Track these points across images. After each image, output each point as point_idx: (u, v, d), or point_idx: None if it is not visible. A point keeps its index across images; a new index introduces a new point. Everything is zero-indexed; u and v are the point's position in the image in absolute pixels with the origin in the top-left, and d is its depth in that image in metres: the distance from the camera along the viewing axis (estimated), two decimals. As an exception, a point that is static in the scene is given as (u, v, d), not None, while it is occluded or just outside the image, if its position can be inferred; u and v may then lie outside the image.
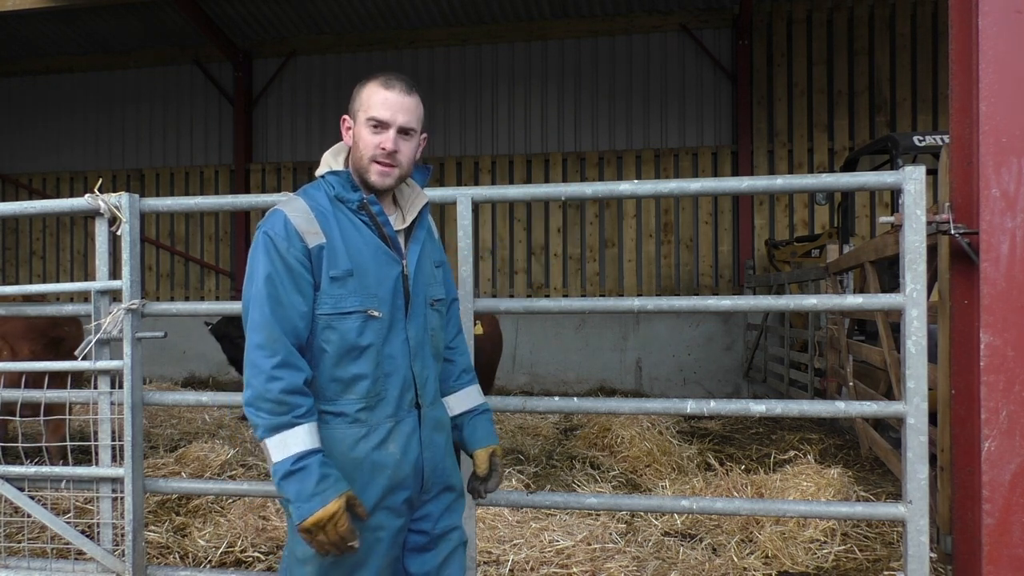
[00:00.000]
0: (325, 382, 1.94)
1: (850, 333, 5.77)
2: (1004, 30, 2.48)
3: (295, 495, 1.81)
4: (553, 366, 9.90)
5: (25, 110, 12.13)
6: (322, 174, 2.08)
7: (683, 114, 10.28)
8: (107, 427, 2.93)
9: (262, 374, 1.83)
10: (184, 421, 6.99)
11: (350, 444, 1.94)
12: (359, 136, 2.04)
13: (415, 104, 2.05)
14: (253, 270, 1.93)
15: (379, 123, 2.02)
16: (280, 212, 1.96)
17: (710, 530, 3.74)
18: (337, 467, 1.88)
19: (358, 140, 2.04)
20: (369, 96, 2.04)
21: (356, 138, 2.05)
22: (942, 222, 2.65)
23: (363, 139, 2.03)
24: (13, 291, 3.08)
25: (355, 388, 1.94)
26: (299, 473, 1.81)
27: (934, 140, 6.09)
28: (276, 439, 1.84)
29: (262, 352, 1.85)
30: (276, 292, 1.89)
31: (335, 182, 2.04)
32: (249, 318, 1.89)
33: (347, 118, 2.09)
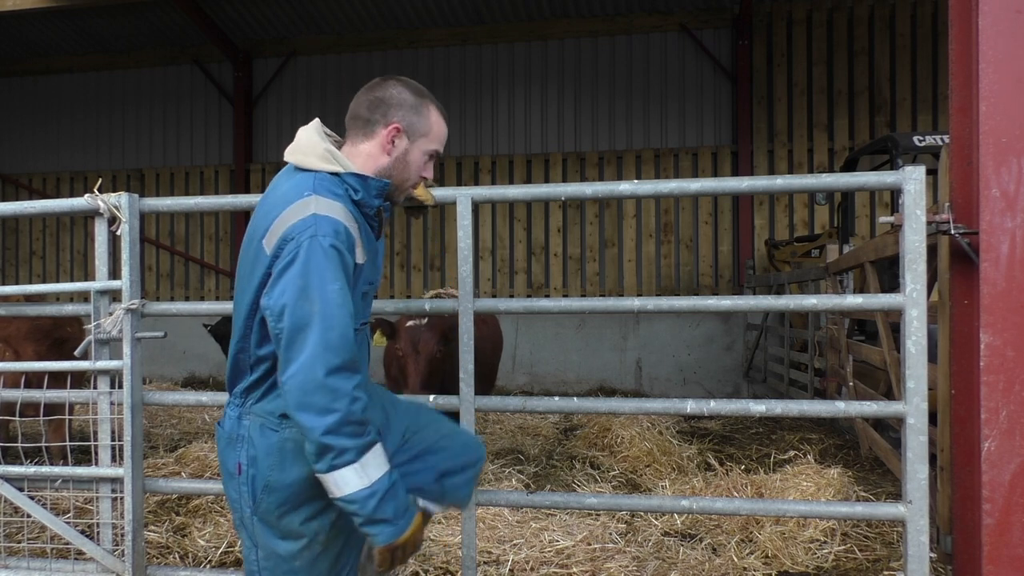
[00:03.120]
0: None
1: (850, 333, 5.77)
2: (1004, 30, 2.48)
3: (395, 512, 1.79)
4: (553, 366, 9.90)
5: (25, 110, 12.13)
6: (333, 172, 1.96)
7: (683, 114, 10.28)
8: (107, 427, 2.93)
9: (346, 396, 1.73)
10: (184, 421, 6.99)
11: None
12: (412, 159, 2.05)
13: None
14: (313, 283, 1.75)
15: (434, 155, 2.10)
16: (334, 220, 1.83)
17: (710, 530, 3.74)
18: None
19: (409, 161, 2.04)
20: (438, 125, 2.07)
21: (408, 158, 2.04)
22: (942, 222, 2.65)
23: (415, 163, 2.06)
24: (13, 291, 3.08)
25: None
26: (394, 488, 1.81)
27: (934, 140, 6.09)
28: (369, 457, 1.77)
29: (343, 374, 1.74)
30: (348, 307, 1.79)
31: (359, 186, 1.96)
32: (317, 338, 1.73)
33: (401, 128, 2.01)
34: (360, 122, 2.03)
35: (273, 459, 1.92)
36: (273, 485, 1.91)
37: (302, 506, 1.93)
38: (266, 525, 1.95)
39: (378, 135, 2.02)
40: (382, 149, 2.02)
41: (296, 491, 1.91)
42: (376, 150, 2.03)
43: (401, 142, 2.03)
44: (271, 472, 1.92)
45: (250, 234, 2.00)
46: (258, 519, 1.95)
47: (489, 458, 5.34)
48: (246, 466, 1.95)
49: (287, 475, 1.91)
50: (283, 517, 1.93)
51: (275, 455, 1.92)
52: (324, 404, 1.72)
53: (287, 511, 1.93)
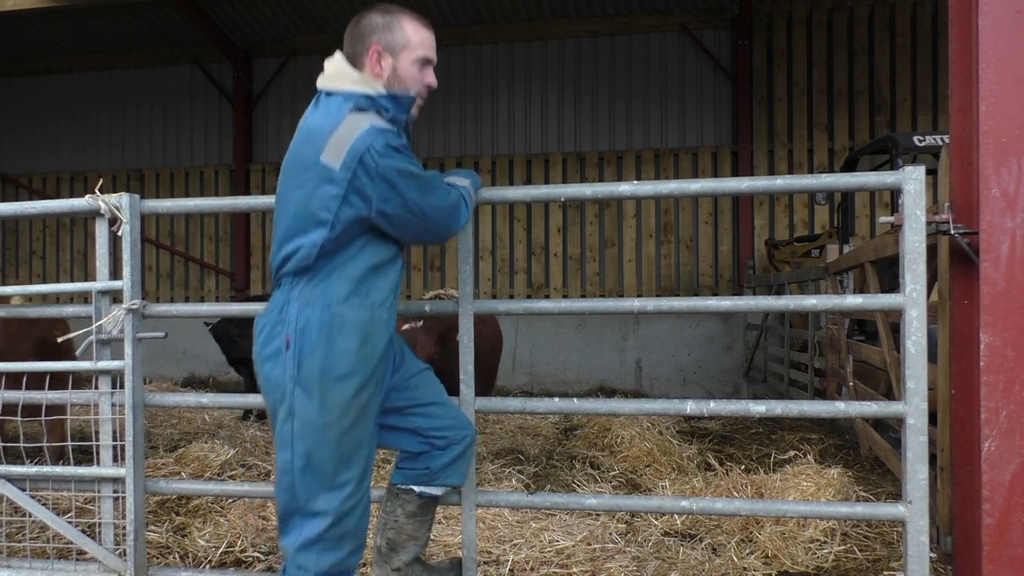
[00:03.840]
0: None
1: (850, 333, 5.77)
2: (1004, 30, 2.48)
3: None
4: (553, 366, 9.90)
5: (25, 110, 12.13)
6: (367, 93, 2.23)
7: (683, 114, 10.28)
8: (108, 427, 2.93)
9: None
10: (184, 421, 6.99)
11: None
12: (405, 72, 2.29)
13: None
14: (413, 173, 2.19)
15: (427, 62, 2.34)
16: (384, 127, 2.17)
17: (710, 530, 3.74)
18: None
19: (403, 75, 2.29)
20: (415, 34, 2.31)
21: (398, 72, 2.28)
22: (942, 222, 2.65)
23: (409, 75, 2.30)
24: (13, 291, 3.08)
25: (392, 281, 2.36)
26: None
27: (934, 140, 6.09)
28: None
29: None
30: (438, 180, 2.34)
31: (391, 106, 2.25)
32: (437, 200, 2.27)
33: (381, 50, 2.27)
34: (351, 57, 2.29)
35: (323, 331, 2.18)
36: (318, 351, 2.18)
37: (341, 379, 2.19)
38: (306, 392, 2.19)
39: (366, 62, 2.27)
40: (373, 73, 2.27)
41: (337, 361, 2.18)
42: (369, 76, 2.27)
43: (386, 60, 2.28)
44: (318, 341, 2.18)
45: (295, 157, 2.27)
46: (300, 388, 2.19)
47: (489, 458, 5.34)
48: (294, 339, 2.20)
49: (333, 346, 2.18)
50: (323, 383, 2.18)
51: (325, 328, 2.19)
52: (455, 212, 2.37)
53: (328, 379, 2.18)
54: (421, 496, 2.54)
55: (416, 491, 2.53)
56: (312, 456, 2.22)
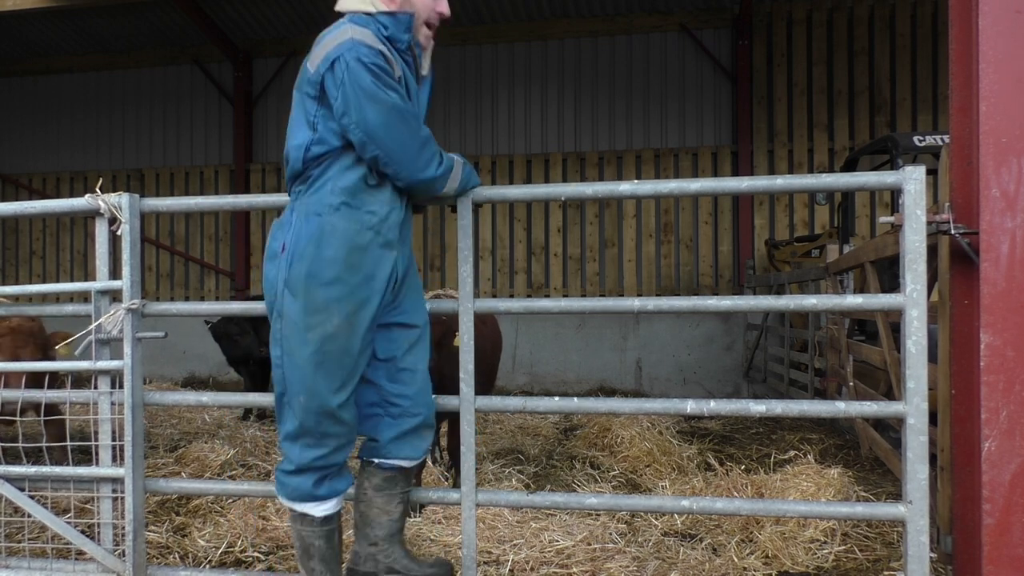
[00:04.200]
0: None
1: (850, 333, 5.77)
2: (1004, 30, 2.48)
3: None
4: (553, 366, 9.90)
5: (25, 110, 12.13)
6: (367, 11, 2.37)
7: (683, 114, 10.27)
8: (107, 427, 2.93)
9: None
10: (184, 421, 6.99)
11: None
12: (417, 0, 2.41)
13: None
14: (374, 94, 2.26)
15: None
16: (367, 44, 2.27)
17: (710, 530, 3.74)
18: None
19: (415, 2, 2.41)
20: None
21: (411, 0, 2.40)
22: (942, 222, 2.65)
23: (421, 3, 2.42)
24: (13, 291, 3.08)
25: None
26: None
27: (934, 140, 6.09)
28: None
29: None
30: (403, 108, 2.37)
31: (388, 22, 2.36)
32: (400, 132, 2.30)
33: None
34: None
35: (313, 238, 2.32)
36: (307, 256, 2.31)
37: (324, 285, 2.31)
38: (293, 294, 2.33)
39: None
40: (385, 2, 2.40)
41: (322, 267, 2.31)
42: (382, 3, 2.40)
43: None
44: (307, 246, 2.32)
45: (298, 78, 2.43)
46: (288, 289, 2.34)
47: (489, 458, 5.34)
48: (290, 244, 2.35)
49: (320, 252, 2.31)
50: (308, 287, 2.31)
51: (315, 235, 2.32)
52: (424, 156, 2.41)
53: (312, 283, 2.31)
54: (381, 467, 2.60)
55: (375, 463, 2.60)
56: (296, 354, 2.36)
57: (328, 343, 2.35)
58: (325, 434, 2.43)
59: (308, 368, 2.36)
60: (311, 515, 2.49)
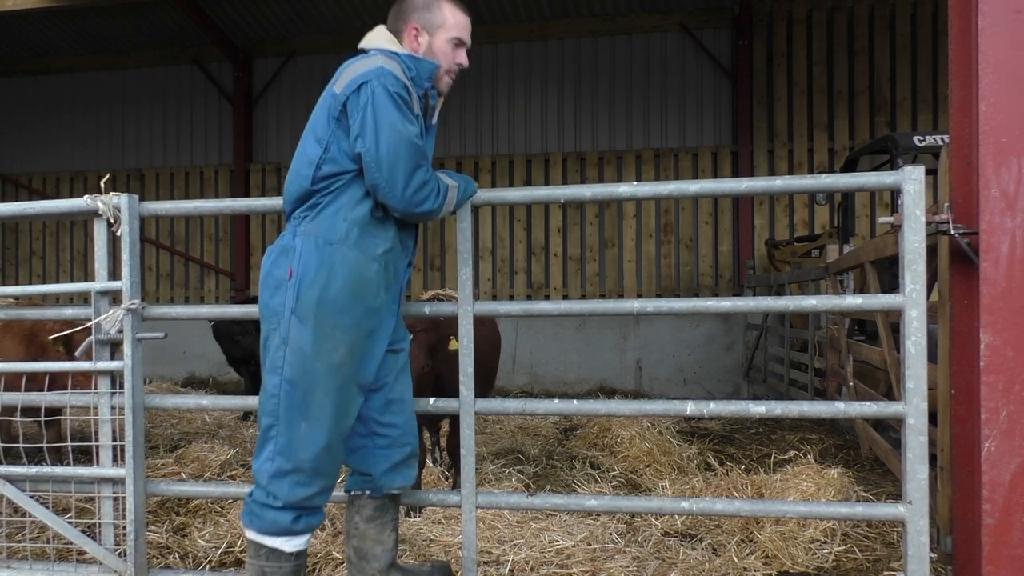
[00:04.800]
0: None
1: (850, 333, 5.77)
2: (1004, 30, 2.48)
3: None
4: (553, 366, 9.90)
5: (25, 110, 12.12)
6: (393, 50, 2.44)
7: (683, 114, 10.27)
8: (108, 428, 2.93)
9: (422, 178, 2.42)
10: (184, 421, 6.99)
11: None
12: (439, 49, 2.49)
13: None
14: (394, 123, 2.30)
15: (461, 43, 2.53)
16: (396, 74, 2.34)
17: (710, 530, 3.74)
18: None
19: (436, 52, 2.49)
20: (452, 16, 2.50)
21: (433, 49, 2.48)
22: (942, 222, 2.65)
23: (444, 53, 2.50)
24: (13, 291, 3.08)
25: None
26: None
27: (934, 140, 6.09)
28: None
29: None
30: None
31: (414, 65, 2.44)
32: (406, 164, 2.33)
33: (419, 27, 2.48)
34: (392, 31, 2.52)
35: (324, 266, 2.31)
36: (318, 283, 2.30)
37: (336, 313, 2.31)
38: (301, 321, 2.31)
39: (404, 37, 2.50)
40: (411, 48, 2.49)
41: (333, 296, 2.30)
42: (407, 49, 2.48)
43: (423, 38, 2.49)
44: (319, 273, 2.31)
45: (323, 94, 2.49)
46: (296, 317, 2.31)
47: (489, 458, 5.34)
48: (297, 270, 2.33)
49: (332, 279, 2.31)
50: (318, 314, 2.30)
51: (327, 263, 2.32)
52: (419, 182, 2.40)
53: (324, 310, 2.30)
54: (372, 497, 2.58)
55: (366, 494, 2.59)
56: (298, 383, 2.32)
57: (335, 372, 2.33)
58: (318, 471, 2.37)
59: (314, 396, 2.32)
60: (281, 550, 2.38)
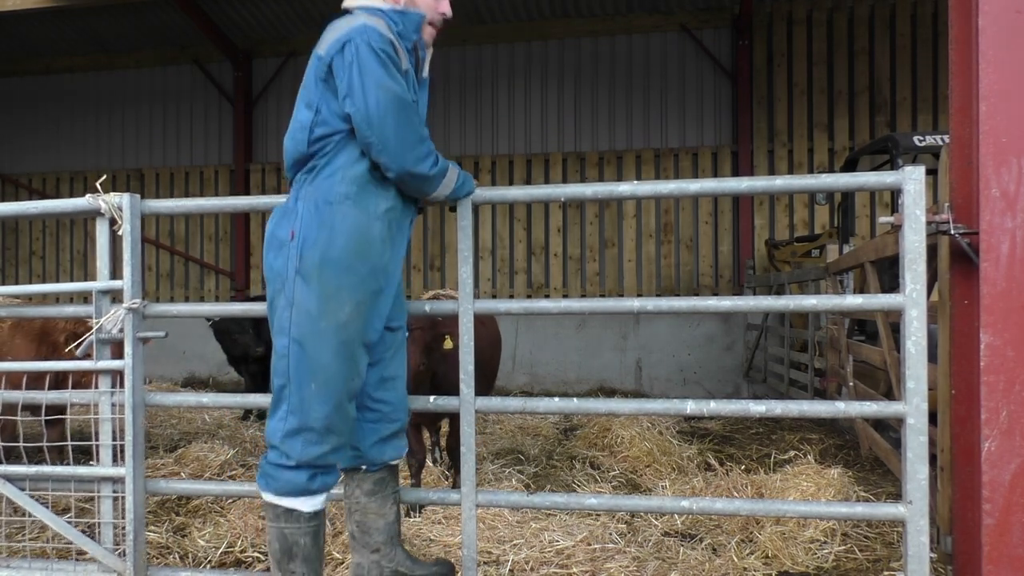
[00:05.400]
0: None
1: (850, 333, 5.77)
2: (1004, 30, 2.48)
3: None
4: (553, 366, 9.90)
5: (25, 110, 12.12)
6: (378, 7, 2.40)
7: (683, 114, 10.27)
8: (108, 427, 2.93)
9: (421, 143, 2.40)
10: (184, 421, 6.99)
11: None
12: (420, 0, 2.46)
13: None
14: (381, 80, 2.28)
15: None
16: (381, 30, 2.30)
17: (710, 530, 3.74)
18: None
19: (419, 3, 2.45)
20: None
21: (416, 0, 2.45)
22: (942, 222, 2.65)
23: (426, 3, 2.47)
24: (14, 291, 3.08)
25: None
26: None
27: (934, 140, 6.09)
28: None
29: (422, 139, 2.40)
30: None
31: (399, 19, 2.40)
32: (401, 123, 2.31)
33: None
34: None
35: (325, 225, 2.32)
36: (320, 242, 2.31)
37: (339, 272, 2.32)
38: (305, 281, 2.32)
39: None
40: (393, 0, 2.44)
41: (336, 255, 2.31)
42: (390, 4, 2.44)
43: None
44: (320, 232, 2.31)
45: (308, 65, 2.44)
46: (300, 277, 2.33)
47: (489, 458, 5.34)
48: (300, 231, 2.34)
49: (332, 240, 2.31)
50: (322, 274, 2.31)
51: (327, 222, 2.32)
52: (410, 141, 2.36)
53: (327, 269, 2.31)
54: (369, 471, 2.62)
55: (363, 468, 2.62)
56: (306, 343, 2.33)
57: (341, 331, 2.34)
58: (329, 429, 2.39)
59: (322, 355, 2.34)
60: (299, 510, 2.43)
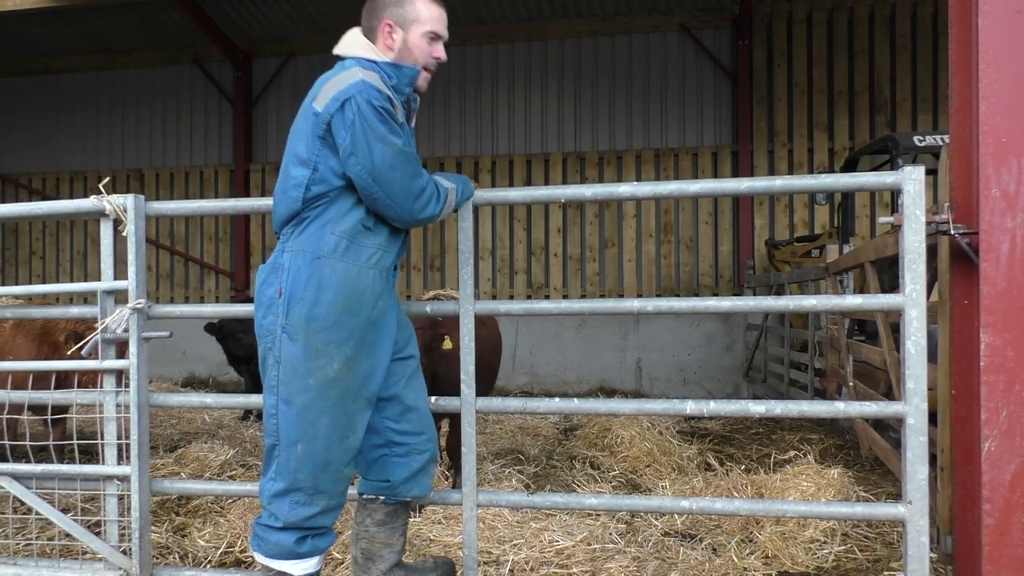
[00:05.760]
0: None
1: (850, 333, 5.77)
2: (1004, 30, 2.49)
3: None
4: (553, 366, 9.90)
5: (25, 110, 12.12)
6: (371, 58, 2.36)
7: (683, 114, 10.28)
8: (113, 426, 2.94)
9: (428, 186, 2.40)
10: (184, 421, 6.99)
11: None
12: (414, 45, 2.40)
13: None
14: (384, 136, 2.24)
15: (437, 36, 2.44)
16: (377, 87, 2.26)
17: (710, 530, 3.74)
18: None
19: (412, 47, 2.40)
20: (426, 9, 2.41)
21: (408, 44, 2.40)
22: (942, 222, 2.66)
23: (419, 48, 2.41)
24: (18, 291, 3.09)
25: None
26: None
27: (934, 140, 6.09)
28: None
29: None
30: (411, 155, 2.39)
31: (394, 73, 2.38)
32: (402, 176, 2.28)
33: (392, 24, 2.39)
34: (367, 31, 2.43)
35: (313, 280, 2.26)
36: (307, 299, 2.26)
37: (327, 328, 2.26)
38: (292, 338, 2.27)
39: (378, 35, 2.40)
40: (385, 46, 2.40)
41: (323, 310, 2.26)
42: (382, 48, 2.40)
43: (397, 34, 2.40)
44: (307, 289, 2.26)
45: (302, 107, 2.38)
46: (287, 334, 2.27)
47: (489, 458, 5.35)
48: (287, 288, 2.28)
49: (320, 295, 2.26)
50: (308, 330, 2.25)
51: (315, 277, 2.27)
52: (429, 197, 2.40)
53: (313, 326, 2.25)
54: (386, 503, 2.55)
55: (380, 499, 2.54)
56: (293, 402, 2.28)
57: (330, 389, 2.27)
58: (318, 490, 2.33)
59: (309, 415, 2.27)
60: (289, 574, 2.37)
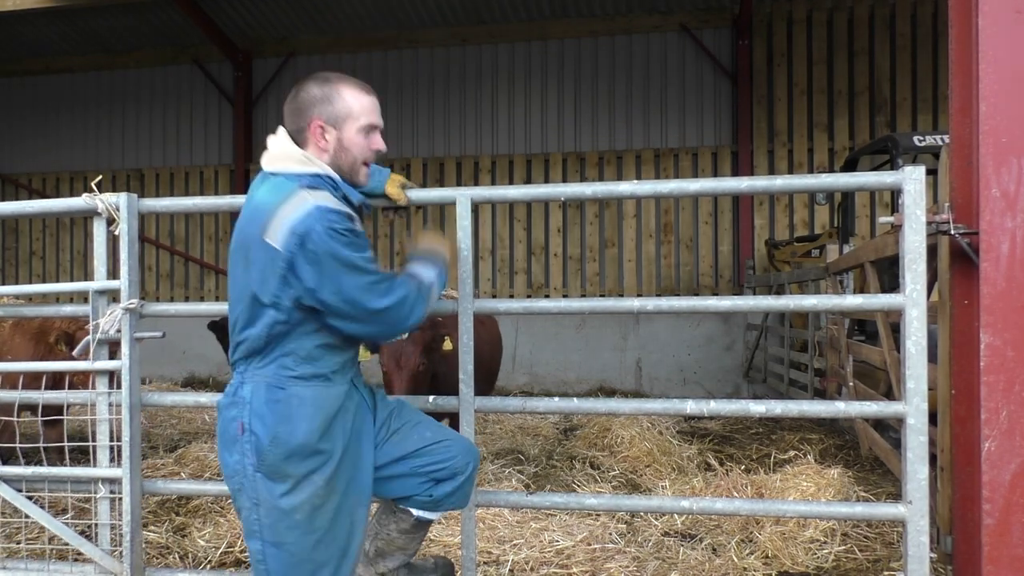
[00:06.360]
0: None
1: (850, 333, 5.76)
2: (1004, 30, 2.48)
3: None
4: (553, 366, 9.89)
5: (25, 110, 12.12)
6: (315, 173, 2.14)
7: (683, 114, 10.27)
8: (105, 428, 2.93)
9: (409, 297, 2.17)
10: (184, 421, 6.99)
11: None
12: (350, 141, 2.19)
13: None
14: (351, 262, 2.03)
15: (373, 127, 2.22)
16: (334, 208, 2.04)
17: (710, 530, 3.73)
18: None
19: (348, 145, 2.19)
20: (356, 102, 2.19)
21: (344, 143, 2.18)
22: (942, 222, 2.65)
23: (355, 144, 2.19)
24: (12, 291, 3.08)
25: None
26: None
27: (934, 140, 6.08)
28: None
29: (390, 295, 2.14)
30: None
31: (341, 184, 2.18)
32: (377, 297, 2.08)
33: (323, 123, 2.17)
34: (295, 134, 2.21)
35: (282, 415, 2.07)
36: (280, 436, 2.07)
37: (307, 457, 2.08)
38: (270, 479, 2.08)
39: (309, 137, 2.19)
40: (318, 148, 2.18)
41: (299, 442, 2.07)
42: (315, 151, 2.18)
43: (330, 134, 2.18)
44: (277, 424, 2.07)
45: (241, 237, 2.14)
46: (262, 475, 2.08)
47: (489, 458, 5.34)
48: (252, 425, 2.08)
49: (294, 427, 2.07)
50: (286, 467, 2.07)
51: (283, 410, 2.08)
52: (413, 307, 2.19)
53: (291, 461, 2.07)
54: (419, 519, 2.47)
55: (415, 514, 2.44)
56: (284, 542, 2.10)
57: (320, 515, 2.12)
58: None
59: (304, 548, 2.11)
60: None
